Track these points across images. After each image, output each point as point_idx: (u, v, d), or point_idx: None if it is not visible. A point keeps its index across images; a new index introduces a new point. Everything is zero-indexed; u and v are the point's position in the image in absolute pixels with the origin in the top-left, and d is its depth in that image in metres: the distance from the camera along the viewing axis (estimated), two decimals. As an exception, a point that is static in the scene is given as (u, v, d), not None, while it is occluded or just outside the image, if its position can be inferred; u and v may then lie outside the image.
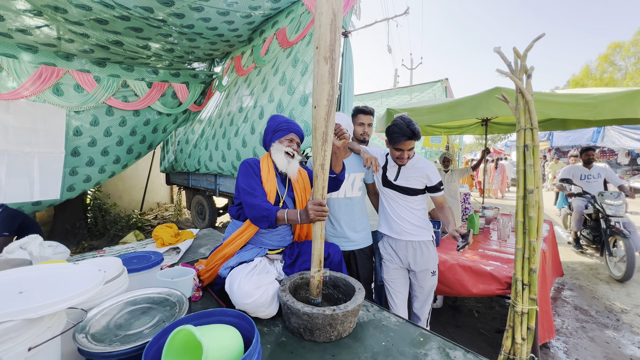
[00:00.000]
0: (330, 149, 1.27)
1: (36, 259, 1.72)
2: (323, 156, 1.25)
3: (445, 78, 7.38)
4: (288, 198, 1.61)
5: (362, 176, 1.89)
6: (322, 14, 1.13)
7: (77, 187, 4.11)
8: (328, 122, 1.21)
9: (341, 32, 1.17)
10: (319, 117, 1.21)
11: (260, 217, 1.39)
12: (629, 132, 10.29)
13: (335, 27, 1.14)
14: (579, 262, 4.25)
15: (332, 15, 1.13)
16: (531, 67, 1.60)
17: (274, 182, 1.54)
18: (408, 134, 1.60)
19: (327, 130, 1.22)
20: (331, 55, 1.15)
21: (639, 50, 16.49)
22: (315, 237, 1.30)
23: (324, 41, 1.14)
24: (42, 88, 3.33)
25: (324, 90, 1.18)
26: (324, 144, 1.23)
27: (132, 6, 2.71)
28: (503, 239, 2.66)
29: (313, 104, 1.22)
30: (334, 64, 1.16)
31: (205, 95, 4.85)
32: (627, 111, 2.48)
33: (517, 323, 1.56)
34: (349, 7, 2.92)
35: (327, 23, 1.13)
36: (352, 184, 1.85)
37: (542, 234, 1.56)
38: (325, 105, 1.19)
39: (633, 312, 2.90)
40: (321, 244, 1.30)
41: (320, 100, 1.19)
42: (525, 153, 1.58)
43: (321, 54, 1.16)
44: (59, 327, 0.81)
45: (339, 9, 1.14)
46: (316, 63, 1.18)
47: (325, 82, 1.17)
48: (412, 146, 1.67)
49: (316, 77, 1.19)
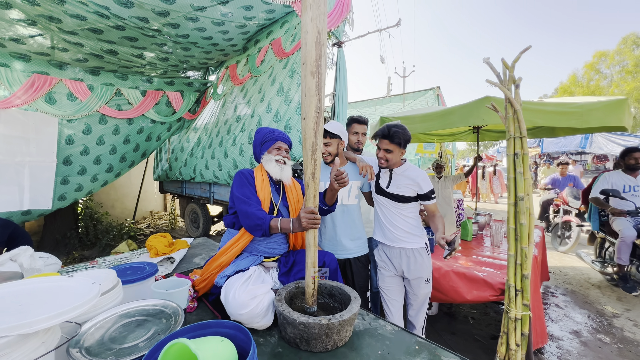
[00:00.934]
0: (320, 159, 1.31)
1: (27, 271, 1.69)
2: (313, 166, 1.29)
3: (438, 86, 7.51)
4: (282, 207, 1.63)
5: (358, 184, 1.92)
6: (307, 32, 1.20)
7: (69, 196, 4.06)
8: (317, 132, 1.26)
9: (326, 48, 1.22)
10: (308, 128, 1.25)
11: (255, 225, 1.41)
12: (615, 138, 10.57)
13: (320, 44, 1.20)
14: (571, 267, 4.31)
15: (317, 33, 1.19)
16: (519, 77, 1.66)
17: (268, 190, 1.57)
18: (383, 131, 1.71)
19: (316, 141, 1.26)
20: (317, 70, 1.21)
21: (623, 59, 17.04)
22: (308, 245, 1.32)
23: (310, 57, 1.20)
24: (34, 97, 3.31)
25: (312, 102, 1.23)
26: (313, 153, 1.27)
27: (127, 16, 2.73)
28: (496, 245, 2.69)
29: (302, 116, 1.27)
30: (320, 78, 1.22)
31: (199, 103, 4.86)
32: (612, 119, 2.57)
33: (511, 329, 1.58)
34: (342, 18, 2.98)
35: (313, 40, 1.19)
36: (349, 192, 1.88)
37: (533, 240, 1.59)
38: (314, 117, 1.24)
39: (624, 316, 2.94)
40: (315, 252, 1.32)
41: (309, 112, 1.24)
42: (515, 161, 1.62)
43: (308, 69, 1.21)
44: (54, 341, 0.81)
45: (323, 28, 1.21)
46: (304, 78, 1.23)
47: (313, 95, 1.22)
48: (387, 147, 1.71)
49: (304, 90, 1.24)
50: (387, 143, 1.71)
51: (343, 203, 1.87)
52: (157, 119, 4.34)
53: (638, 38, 16.61)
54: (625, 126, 2.66)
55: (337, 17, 2.92)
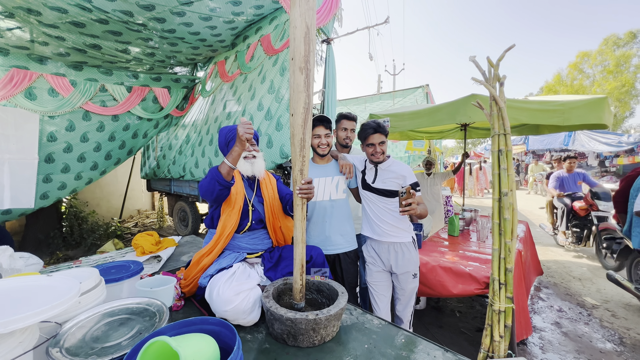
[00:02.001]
0: (309, 156, 1.31)
1: (6, 271, 1.64)
2: (302, 162, 1.29)
3: (426, 84, 7.60)
4: (257, 203, 1.63)
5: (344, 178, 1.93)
6: (296, 28, 1.18)
7: (52, 194, 3.94)
8: (305, 129, 1.25)
9: (315, 44, 1.21)
10: (297, 125, 1.24)
11: (209, 182, 1.39)
12: (597, 136, 10.91)
13: (309, 40, 1.19)
14: (554, 261, 4.44)
15: (306, 28, 1.18)
16: (504, 75, 1.69)
17: (240, 186, 1.57)
18: (373, 126, 1.73)
19: (304, 137, 1.26)
20: (306, 66, 1.20)
21: (605, 59, 17.57)
22: (296, 242, 1.31)
23: (299, 53, 1.19)
24: (13, 92, 3.19)
25: (300, 98, 1.22)
26: (302, 149, 1.27)
27: (110, 10, 2.65)
28: (482, 240, 2.75)
29: (290, 112, 1.26)
30: (308, 74, 1.21)
31: (187, 100, 4.78)
32: (592, 117, 2.65)
33: (495, 321, 1.61)
34: (331, 14, 2.97)
35: (302, 36, 1.18)
36: (337, 187, 1.88)
37: (517, 235, 1.63)
38: (302, 113, 1.23)
39: (602, 307, 3.05)
40: (303, 248, 1.32)
41: (297, 108, 1.23)
42: (500, 157, 1.65)
43: (296, 65, 1.20)
44: (31, 341, 0.79)
45: (312, 23, 1.20)
46: (292, 73, 1.22)
47: (301, 91, 1.21)
48: (381, 140, 1.75)
49: (292, 86, 1.23)
50: (380, 135, 1.74)
51: (332, 198, 1.87)
52: (144, 115, 4.25)
53: (619, 39, 17.16)
54: (606, 124, 2.75)
55: (326, 14, 2.92)
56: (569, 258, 4.56)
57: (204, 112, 4.53)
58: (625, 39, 17.02)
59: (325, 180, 1.87)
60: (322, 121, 1.82)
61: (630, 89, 16.78)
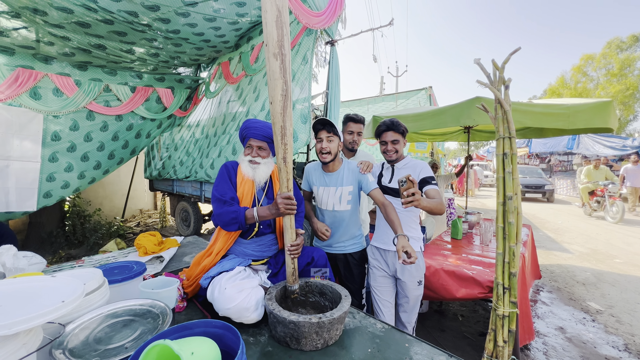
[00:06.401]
0: (291, 144, 1.29)
1: (10, 270, 1.64)
2: (284, 150, 1.27)
3: (430, 86, 7.58)
4: (267, 203, 1.59)
5: (350, 190, 1.79)
6: (266, 12, 1.15)
7: (55, 193, 3.95)
8: (285, 116, 1.23)
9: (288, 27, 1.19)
10: (276, 113, 1.23)
11: (230, 220, 1.38)
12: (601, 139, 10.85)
13: (282, 23, 1.16)
14: (557, 265, 4.41)
15: (277, 11, 1.15)
16: (509, 78, 1.68)
17: (250, 186, 1.53)
18: (387, 123, 1.74)
19: (285, 125, 1.24)
20: (280, 52, 1.17)
21: (609, 62, 17.49)
22: (285, 228, 1.36)
23: (272, 38, 1.16)
24: (18, 92, 3.21)
25: (277, 85, 1.20)
26: (282, 137, 1.26)
27: (115, 10, 2.66)
28: (485, 244, 2.73)
29: (270, 100, 1.23)
30: (284, 59, 1.18)
31: (191, 100, 4.79)
32: (597, 121, 2.63)
33: (498, 326, 1.60)
34: (335, 16, 2.97)
35: (273, 20, 1.15)
36: (340, 198, 1.79)
37: (521, 239, 1.62)
38: (280, 101, 1.21)
39: (607, 312, 3.03)
40: (292, 233, 1.36)
41: (275, 95, 1.21)
42: (504, 161, 1.64)
43: (270, 51, 1.17)
44: (35, 343, 0.78)
45: (284, 5, 1.16)
46: (267, 60, 1.20)
47: (278, 78, 1.19)
48: (394, 138, 1.74)
49: (269, 73, 1.20)
50: (393, 133, 1.74)
51: (335, 209, 1.81)
52: (147, 115, 4.27)
53: (622, 42, 17.08)
54: (611, 127, 2.73)
55: (330, 16, 2.92)
56: (573, 262, 4.53)
57: (209, 113, 4.55)
58: (628, 42, 16.94)
59: (328, 191, 1.81)
60: (324, 125, 1.71)
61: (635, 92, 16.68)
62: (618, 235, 6.20)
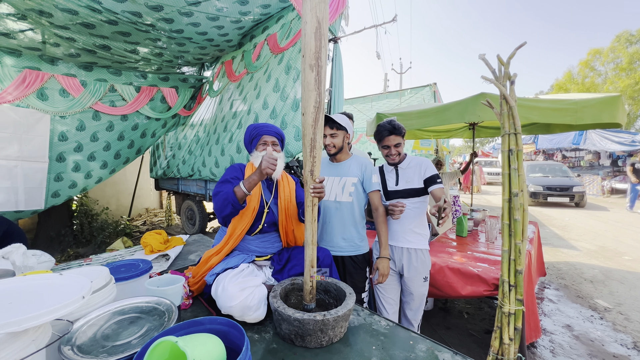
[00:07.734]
0: (320, 156, 1.26)
1: (19, 268, 1.67)
2: (312, 163, 1.25)
3: (434, 83, 7.53)
4: (274, 205, 1.60)
5: (353, 181, 1.79)
6: (306, 23, 1.14)
7: (62, 193, 4.01)
8: (316, 128, 1.22)
9: (327, 39, 1.17)
10: (307, 125, 1.21)
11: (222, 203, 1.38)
12: (609, 135, 10.67)
13: (320, 35, 1.15)
14: (565, 262, 4.36)
15: (317, 23, 1.14)
16: (514, 74, 1.65)
17: (257, 186, 1.54)
18: (388, 128, 1.72)
19: (315, 137, 1.22)
20: (317, 63, 1.16)
21: (617, 57, 17.15)
22: (307, 243, 1.29)
23: (309, 49, 1.15)
24: (25, 93, 3.26)
25: (311, 97, 1.19)
26: (312, 150, 1.24)
27: (120, 11, 2.68)
28: (491, 241, 2.71)
29: (302, 111, 1.23)
30: (320, 71, 1.17)
31: (195, 99, 4.82)
32: (605, 116, 2.58)
33: (504, 324, 1.59)
34: (338, 13, 2.95)
35: (312, 31, 1.14)
36: (343, 188, 1.79)
37: (527, 236, 1.60)
38: (313, 112, 1.20)
39: (615, 310, 2.99)
40: (313, 250, 1.28)
41: (308, 107, 1.20)
42: (510, 157, 1.62)
43: (307, 62, 1.16)
44: (44, 339, 0.80)
45: (324, 17, 1.15)
46: (303, 71, 1.19)
47: (312, 90, 1.18)
48: (397, 141, 1.74)
49: (303, 84, 1.20)
50: (395, 137, 1.73)
51: (337, 199, 1.80)
52: (152, 115, 4.30)
53: (631, 36, 16.73)
54: (620, 122, 2.69)
55: (333, 12, 2.90)
56: (580, 259, 4.48)
57: (211, 112, 4.57)
58: (638, 35, 16.57)
59: (333, 180, 1.81)
60: (326, 121, 1.72)
61: (644, 87, 16.35)
62: (627, 232, 6.11)
